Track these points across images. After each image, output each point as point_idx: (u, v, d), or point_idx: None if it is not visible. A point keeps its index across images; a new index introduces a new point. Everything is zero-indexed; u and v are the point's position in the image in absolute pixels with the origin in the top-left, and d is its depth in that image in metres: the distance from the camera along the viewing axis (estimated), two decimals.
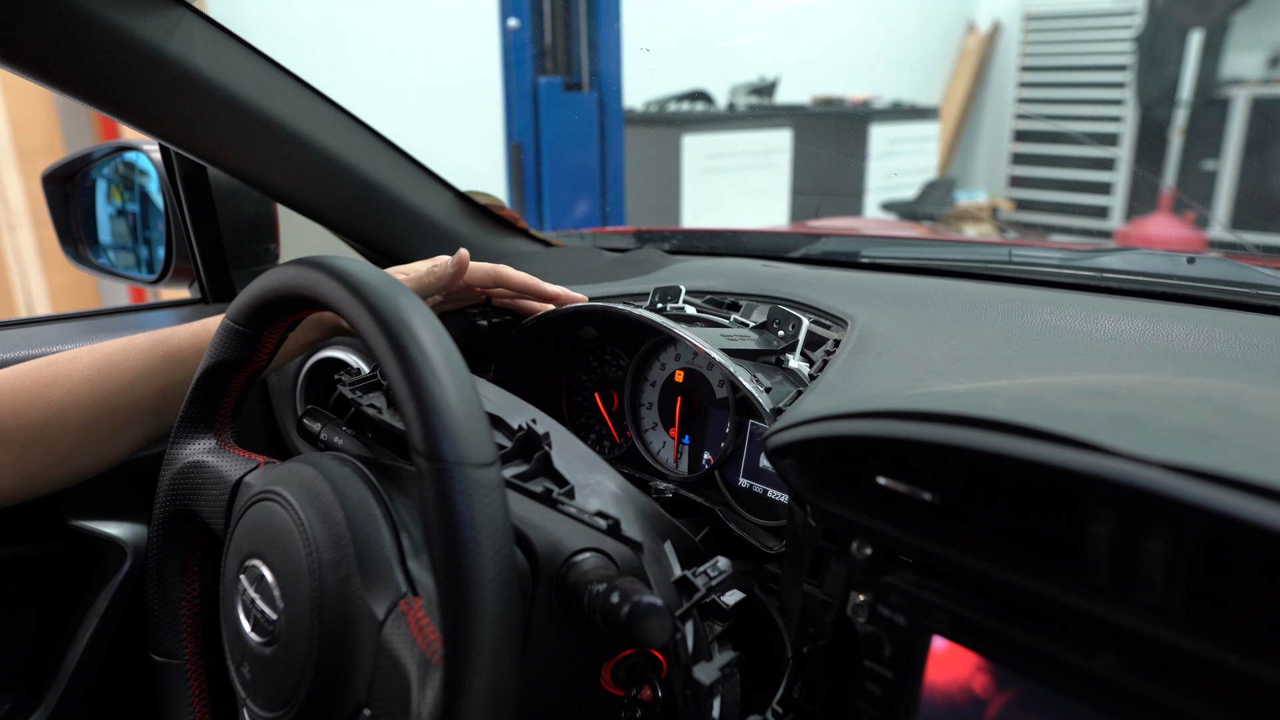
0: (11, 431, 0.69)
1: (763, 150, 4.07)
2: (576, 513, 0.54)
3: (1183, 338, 0.65)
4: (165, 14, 0.76)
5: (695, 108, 4.09)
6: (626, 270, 1.03)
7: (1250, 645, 0.34)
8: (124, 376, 0.73)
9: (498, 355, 0.89)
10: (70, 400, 0.71)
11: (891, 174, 4.53)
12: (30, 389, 0.70)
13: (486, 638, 0.40)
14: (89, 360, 0.73)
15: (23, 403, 0.70)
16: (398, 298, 0.46)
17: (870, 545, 0.50)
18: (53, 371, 0.72)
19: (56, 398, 0.70)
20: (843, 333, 0.75)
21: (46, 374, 0.72)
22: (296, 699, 0.49)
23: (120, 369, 0.73)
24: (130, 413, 0.73)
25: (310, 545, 0.50)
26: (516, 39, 2.92)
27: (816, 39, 4.77)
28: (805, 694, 0.52)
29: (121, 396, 0.73)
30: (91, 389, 0.72)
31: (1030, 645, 0.41)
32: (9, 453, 0.69)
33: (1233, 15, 4.75)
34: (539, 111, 2.97)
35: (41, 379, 0.71)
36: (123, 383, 0.73)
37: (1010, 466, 0.41)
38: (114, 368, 0.73)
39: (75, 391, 0.71)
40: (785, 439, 0.52)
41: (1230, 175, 4.75)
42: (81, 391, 0.71)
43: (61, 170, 1.15)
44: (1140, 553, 0.37)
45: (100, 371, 0.72)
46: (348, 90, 1.01)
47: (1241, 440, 0.37)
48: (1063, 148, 5.66)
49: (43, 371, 0.72)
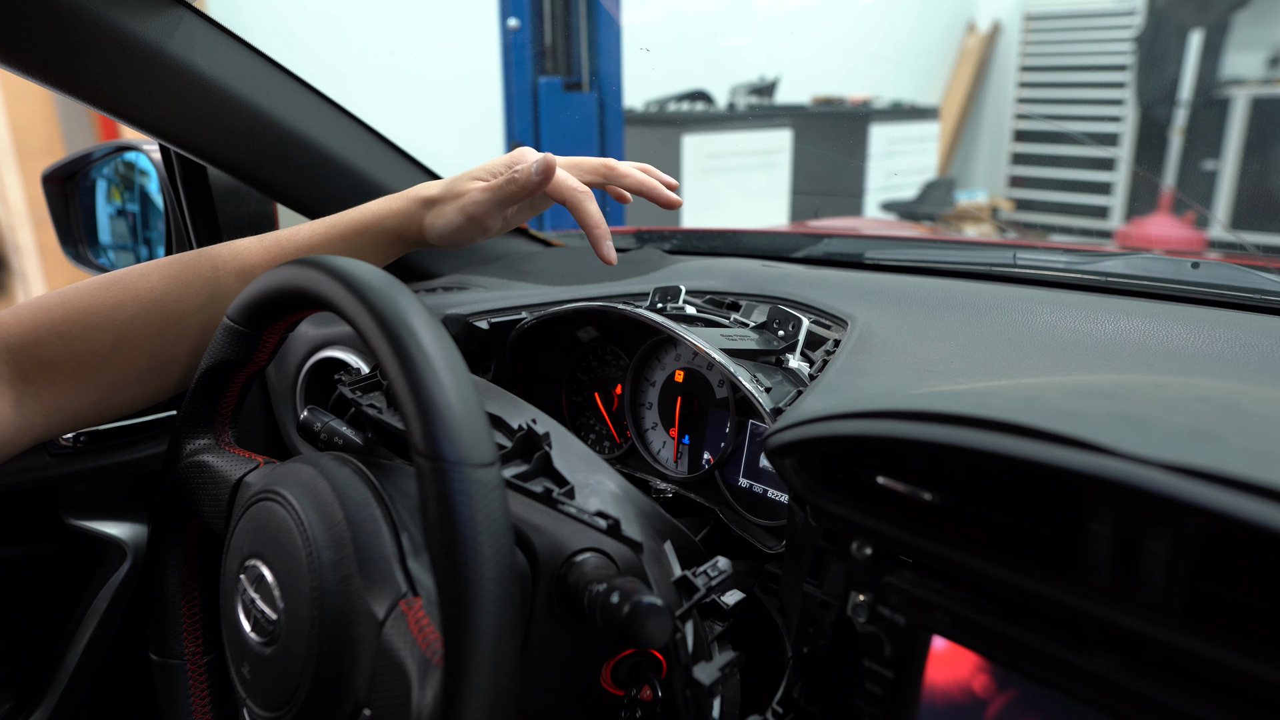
0: (81, 356, 0.65)
1: (763, 150, 4.07)
2: (576, 513, 0.54)
3: (1183, 338, 0.65)
4: (165, 14, 0.76)
5: (695, 108, 4.09)
6: (626, 270, 1.03)
7: (1251, 645, 0.34)
8: (196, 296, 0.69)
9: (498, 355, 0.89)
10: (140, 321, 0.67)
11: (891, 174, 4.53)
12: (97, 310, 0.66)
13: (486, 638, 0.40)
14: (157, 278, 0.69)
15: (90, 325, 0.66)
16: (398, 298, 0.46)
17: (870, 545, 0.50)
18: (119, 291, 0.67)
19: (125, 319, 0.66)
20: (843, 333, 0.75)
21: (114, 293, 0.67)
22: (296, 699, 0.49)
23: (191, 287, 0.69)
24: (202, 333, 0.70)
25: (310, 545, 0.50)
26: (516, 39, 2.92)
27: (816, 39, 4.77)
28: (805, 694, 0.52)
29: (194, 317, 0.69)
30: (162, 308, 0.68)
31: (1030, 645, 0.41)
32: (80, 377, 0.66)
33: (1233, 15, 4.75)
34: (539, 111, 2.97)
35: (109, 299, 0.67)
36: (196, 302, 0.69)
37: (1010, 466, 0.41)
38: (185, 285, 0.69)
39: (145, 311, 0.67)
40: (785, 439, 0.52)
41: (1230, 175, 4.75)
42: (152, 311, 0.67)
43: (61, 170, 1.15)
44: (1140, 553, 0.37)
45: (170, 290, 0.69)
46: (348, 90, 1.01)
47: (1242, 440, 0.37)
48: (1063, 148, 5.67)
49: (109, 290, 0.67)
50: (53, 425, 0.67)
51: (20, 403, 0.64)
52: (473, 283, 1.05)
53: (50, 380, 0.65)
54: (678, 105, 4.04)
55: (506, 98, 3.03)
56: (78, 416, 0.68)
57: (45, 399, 0.65)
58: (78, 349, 0.65)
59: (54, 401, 0.66)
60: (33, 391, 0.65)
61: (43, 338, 0.65)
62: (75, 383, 0.66)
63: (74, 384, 0.66)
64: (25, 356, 0.64)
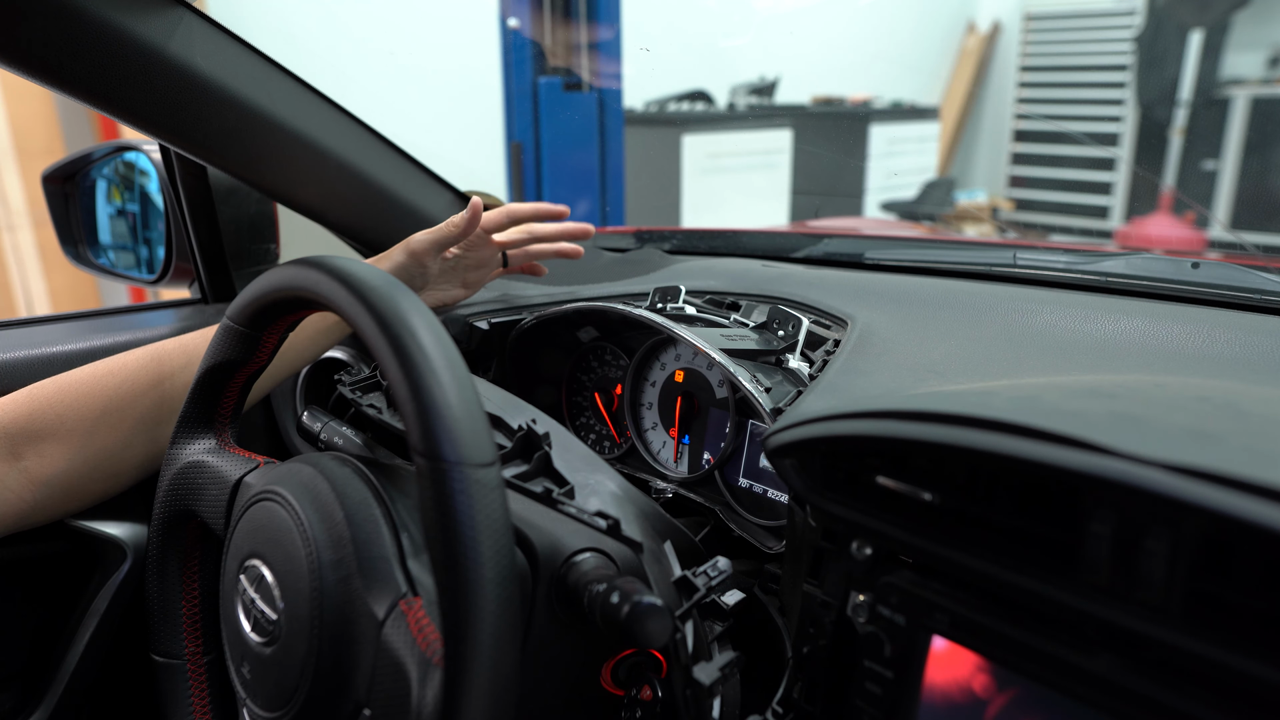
0: (73, 422, 0.70)
1: (763, 150, 4.06)
2: (576, 513, 0.54)
3: (1183, 338, 0.65)
4: (165, 14, 0.76)
5: (695, 108, 4.09)
6: (626, 270, 1.03)
7: (1250, 645, 0.34)
8: (178, 361, 0.75)
9: (498, 355, 0.89)
10: (127, 387, 0.72)
11: (891, 174, 4.53)
12: (86, 380, 0.72)
13: (486, 638, 0.40)
14: (144, 352, 0.75)
15: (80, 394, 0.71)
16: (398, 298, 0.46)
17: (870, 545, 0.50)
18: (107, 365, 0.74)
19: (113, 386, 0.72)
20: (843, 333, 0.75)
21: (102, 367, 0.74)
22: (296, 699, 0.49)
23: (171, 356, 0.75)
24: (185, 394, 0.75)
25: (310, 545, 0.50)
26: (516, 39, 2.92)
27: (816, 39, 4.77)
28: (805, 694, 0.52)
29: (179, 375, 0.75)
30: (147, 374, 0.74)
31: (1030, 645, 0.41)
32: (72, 442, 0.70)
33: (1233, 15, 4.75)
34: (539, 111, 2.97)
35: (98, 370, 0.73)
36: (176, 366, 0.75)
37: (1010, 466, 0.41)
38: (167, 355, 0.75)
39: (131, 379, 0.73)
40: (785, 439, 0.52)
41: (1230, 175, 4.75)
42: (138, 379, 0.73)
43: (61, 170, 1.15)
44: (1140, 553, 0.37)
45: (155, 359, 0.74)
46: (347, 90, 1.01)
47: (1242, 440, 0.37)
48: (1063, 148, 5.66)
49: (98, 366, 0.74)
50: (39, 501, 0.70)
51: (4, 476, 0.68)
52: None
53: (39, 453, 0.70)
54: (678, 105, 4.04)
55: (506, 98, 3.03)
56: (67, 491, 0.72)
57: (33, 472, 0.69)
58: (68, 417, 0.70)
59: (41, 474, 0.70)
60: (21, 467, 0.69)
61: (36, 410, 0.70)
62: (64, 452, 0.70)
63: (63, 454, 0.70)
64: (17, 430, 0.69)
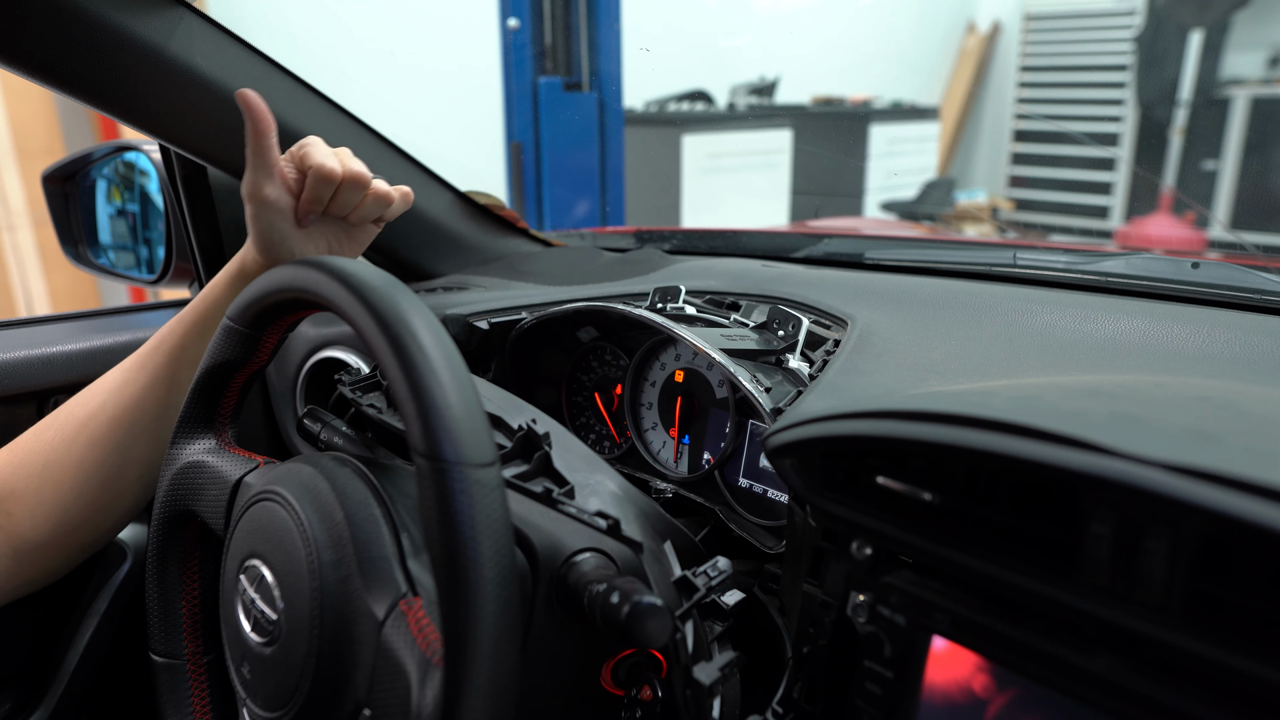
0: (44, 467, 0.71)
1: (763, 150, 4.07)
2: (576, 513, 0.54)
3: (1183, 338, 0.65)
4: (165, 14, 0.76)
5: (695, 108, 4.09)
6: (626, 270, 1.03)
7: (1250, 645, 0.34)
8: (96, 400, 0.74)
9: (498, 355, 0.89)
10: (103, 416, 0.73)
11: (891, 174, 4.53)
12: (59, 413, 0.73)
13: (486, 637, 0.40)
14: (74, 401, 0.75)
15: (58, 435, 0.72)
16: (398, 298, 0.46)
17: (870, 545, 0.50)
18: (123, 374, 0.74)
19: (83, 415, 0.73)
20: (843, 333, 0.75)
21: (75, 401, 0.74)
22: (296, 699, 0.49)
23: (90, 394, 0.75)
24: (158, 425, 0.75)
25: (310, 545, 0.50)
26: (516, 39, 2.92)
27: (816, 39, 4.77)
28: (805, 694, 0.52)
29: (151, 410, 0.74)
30: (168, 380, 0.74)
31: (1030, 645, 0.41)
32: (44, 491, 0.71)
33: (1233, 15, 4.75)
34: (539, 111, 2.97)
35: (71, 405, 0.74)
36: (95, 405, 0.74)
37: (1010, 466, 0.41)
38: (89, 395, 0.75)
39: (101, 408, 0.73)
40: (785, 439, 0.52)
41: (1230, 175, 4.75)
42: (65, 427, 0.73)
43: (61, 170, 1.15)
44: (1140, 553, 0.37)
45: (128, 382, 0.74)
46: (347, 90, 1.01)
47: (1242, 440, 0.37)
48: (1063, 148, 5.67)
49: (71, 402, 0.74)
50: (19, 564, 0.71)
51: None
52: (473, 283, 1.05)
53: (7, 511, 0.71)
54: (678, 105, 4.04)
55: (506, 98, 3.03)
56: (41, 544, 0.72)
57: (9, 531, 0.71)
58: (36, 463, 0.71)
59: (15, 530, 0.71)
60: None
61: (9, 461, 0.72)
62: (36, 502, 0.71)
63: (33, 507, 0.71)
64: None
